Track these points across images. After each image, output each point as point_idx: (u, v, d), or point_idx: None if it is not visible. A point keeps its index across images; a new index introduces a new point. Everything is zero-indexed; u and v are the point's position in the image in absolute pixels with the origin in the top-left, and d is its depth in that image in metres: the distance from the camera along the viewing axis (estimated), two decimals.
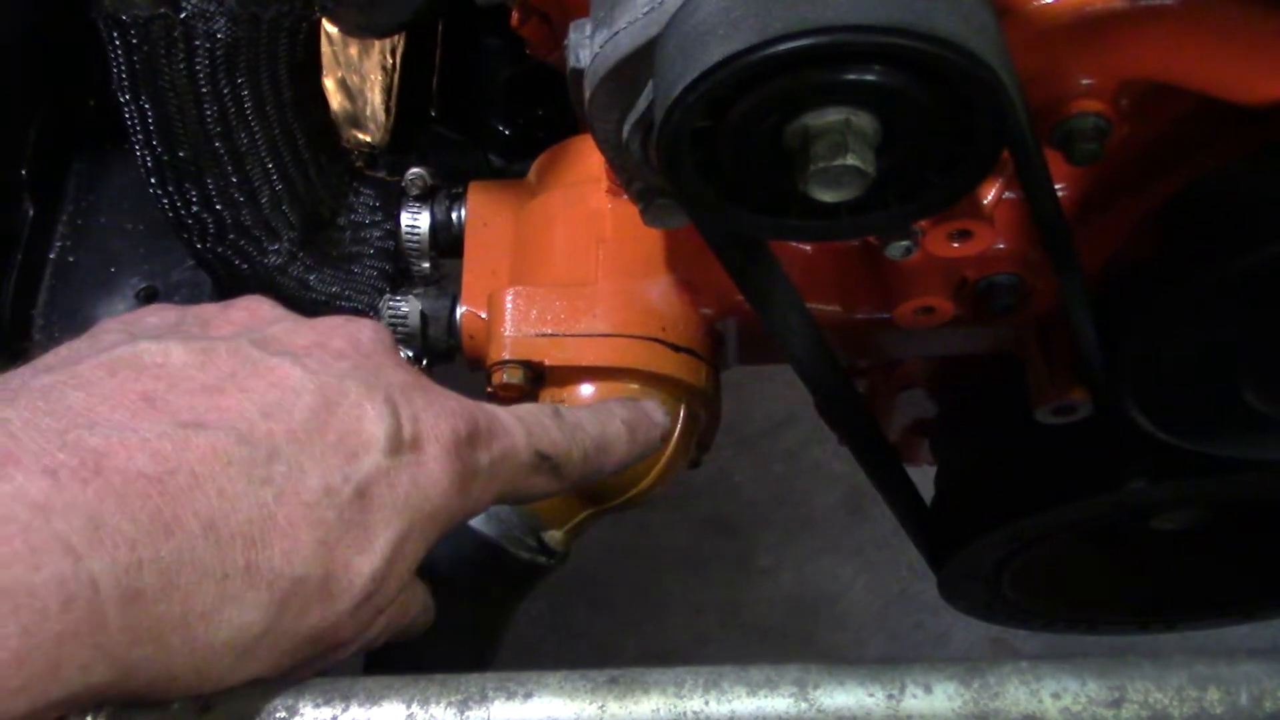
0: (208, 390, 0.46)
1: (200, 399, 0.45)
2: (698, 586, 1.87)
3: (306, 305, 0.72)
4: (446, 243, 0.76)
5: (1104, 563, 0.90)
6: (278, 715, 0.43)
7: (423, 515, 0.48)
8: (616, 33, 0.51)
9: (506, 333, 0.67)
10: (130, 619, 0.40)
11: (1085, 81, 0.56)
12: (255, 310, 0.54)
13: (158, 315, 0.53)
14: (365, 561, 0.46)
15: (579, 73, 0.54)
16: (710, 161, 0.49)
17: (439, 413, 0.50)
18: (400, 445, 0.48)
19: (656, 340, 0.67)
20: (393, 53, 0.99)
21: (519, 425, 0.54)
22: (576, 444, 0.57)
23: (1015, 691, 0.42)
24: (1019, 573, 0.85)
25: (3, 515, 0.38)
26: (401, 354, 0.72)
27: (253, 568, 0.43)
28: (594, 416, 0.60)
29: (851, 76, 0.45)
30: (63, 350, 0.49)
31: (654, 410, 0.64)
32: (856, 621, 1.85)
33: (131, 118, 0.66)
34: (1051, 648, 1.73)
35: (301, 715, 0.43)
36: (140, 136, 0.67)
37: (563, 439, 0.56)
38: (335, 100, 0.91)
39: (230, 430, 0.44)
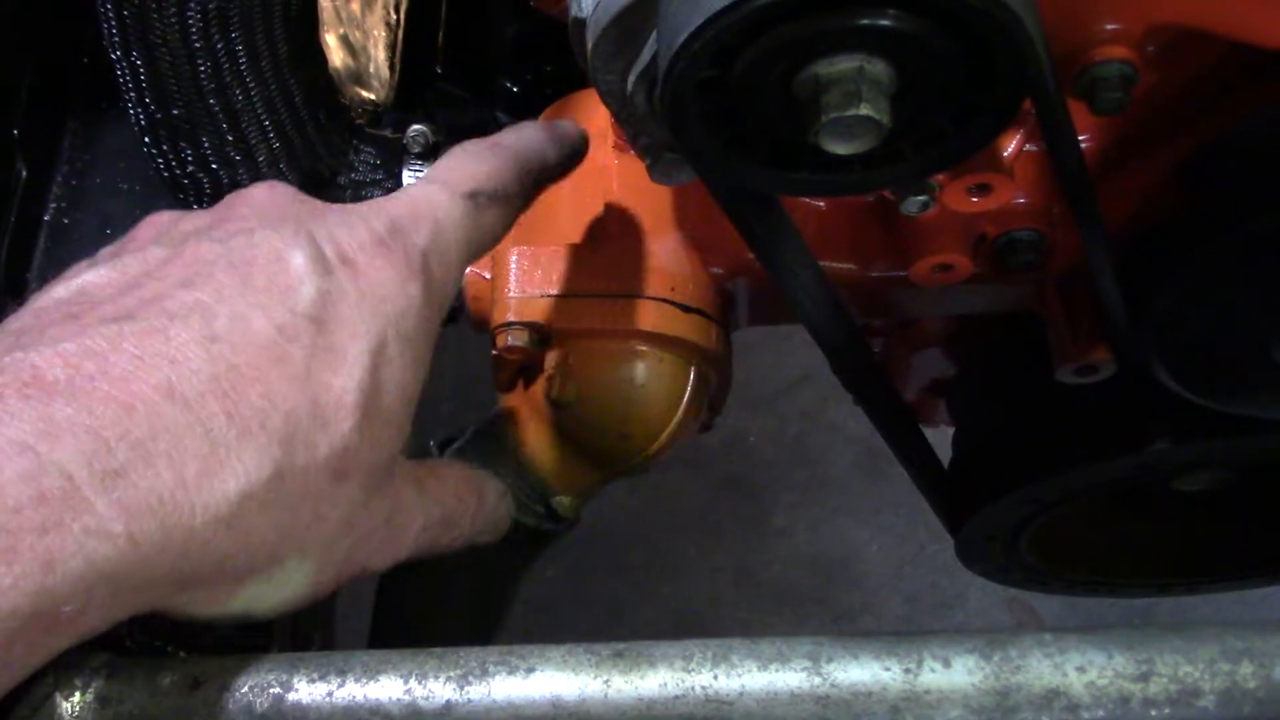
0: (126, 290, 0.46)
1: (121, 300, 0.45)
2: (713, 548, 1.87)
3: None
4: None
5: (1124, 524, 0.88)
6: (271, 690, 0.42)
7: (388, 317, 0.48)
8: None
9: (511, 294, 0.65)
10: (117, 496, 0.39)
11: (1110, 27, 0.53)
12: (154, 221, 0.54)
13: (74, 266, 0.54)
14: (345, 378, 0.46)
15: (581, 22, 0.52)
16: (717, 113, 0.47)
17: (353, 223, 0.50)
18: (329, 266, 0.48)
19: (665, 301, 0.65)
20: (396, 8, 0.97)
21: (435, 185, 0.54)
22: (503, 160, 0.56)
23: (1038, 665, 0.40)
24: (1038, 535, 0.83)
25: None
26: None
27: (235, 416, 0.43)
28: (506, 134, 0.59)
29: (865, 21, 0.43)
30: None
31: (564, 122, 0.63)
32: (873, 582, 1.84)
33: (123, 75, 0.65)
34: (1069, 606, 1.72)
35: (296, 690, 0.42)
36: (133, 94, 0.65)
37: (484, 168, 0.55)
38: (338, 57, 0.89)
39: (159, 312, 0.44)
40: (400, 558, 0.52)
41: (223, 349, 0.44)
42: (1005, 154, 0.59)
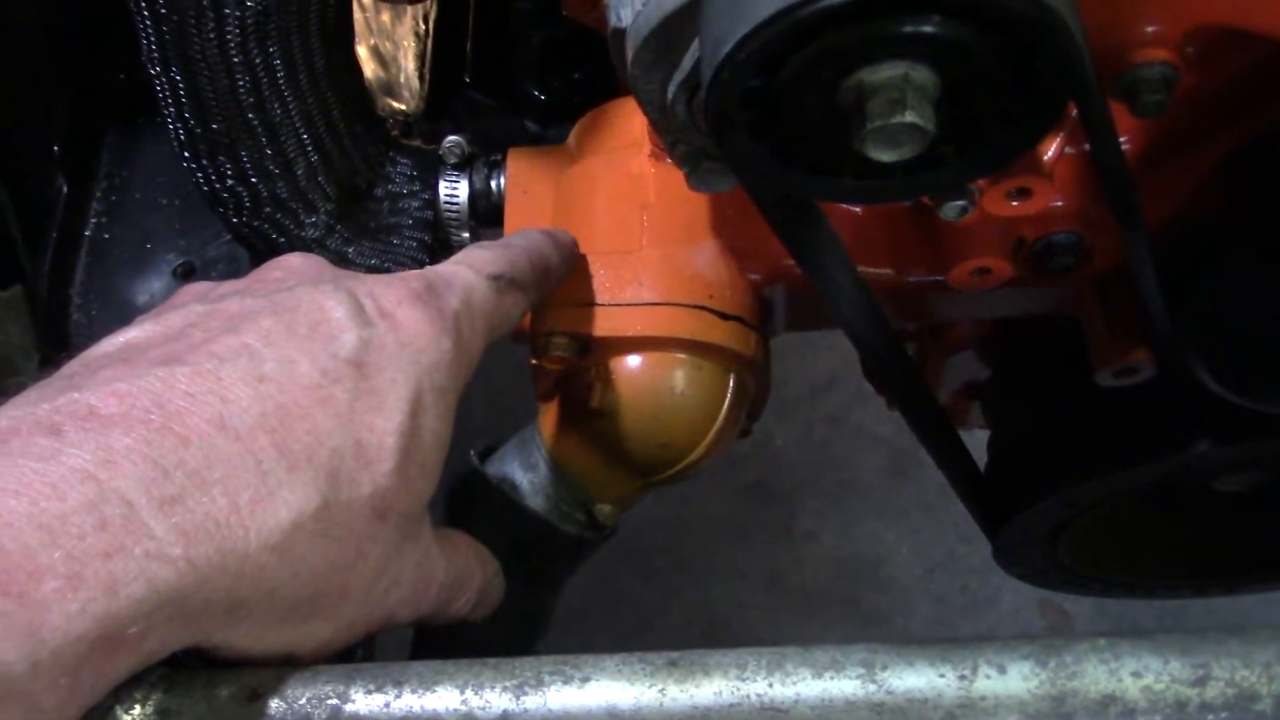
0: (173, 339, 0.47)
1: (170, 347, 0.47)
2: (741, 552, 1.87)
3: None
4: (486, 212, 0.74)
5: (1162, 525, 0.88)
6: (329, 702, 0.42)
7: (423, 368, 0.50)
8: None
9: (550, 303, 0.65)
10: (175, 521, 0.40)
11: (1150, 29, 0.53)
12: (190, 289, 0.56)
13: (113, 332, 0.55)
14: (386, 420, 0.48)
15: (620, 32, 0.52)
16: (761, 121, 0.47)
17: (389, 283, 0.52)
18: (368, 318, 0.50)
19: (704, 308, 0.65)
20: (425, 19, 0.97)
21: (462, 266, 0.56)
22: (517, 254, 0.59)
23: (1094, 670, 0.40)
24: (1076, 537, 0.83)
25: (9, 474, 0.39)
26: None
27: (284, 450, 0.44)
28: (515, 236, 0.63)
29: (909, 28, 0.43)
30: None
31: (560, 230, 0.66)
32: (902, 585, 1.83)
33: (163, 90, 0.65)
34: (1102, 610, 1.71)
35: (353, 701, 0.42)
36: (172, 109, 0.66)
37: (502, 256, 0.58)
38: (368, 68, 0.90)
39: (208, 355, 0.45)
40: (422, 612, 0.54)
41: (270, 389, 0.45)
42: (1045, 158, 0.59)
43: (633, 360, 0.65)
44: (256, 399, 0.45)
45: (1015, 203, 0.59)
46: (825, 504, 1.89)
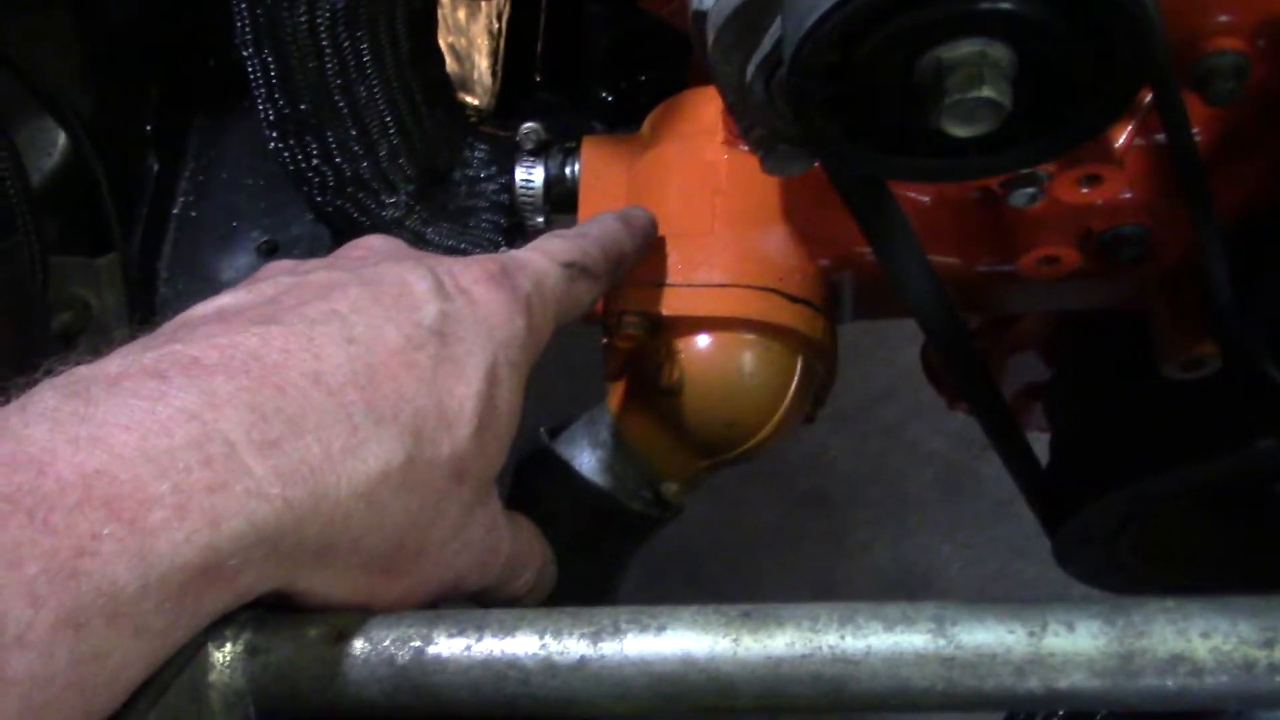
0: (265, 304, 0.49)
1: (264, 310, 0.49)
2: (792, 562, 1.86)
3: None
4: (560, 197, 0.76)
5: (1225, 528, 0.88)
6: (412, 644, 0.44)
7: (498, 342, 0.52)
8: None
9: (623, 283, 0.67)
10: (273, 463, 0.42)
11: (1223, 18, 0.54)
12: (275, 265, 0.58)
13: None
14: (466, 387, 0.50)
15: (702, 15, 0.54)
16: (839, 98, 0.48)
17: (467, 263, 0.55)
18: (448, 293, 0.52)
19: (773, 290, 0.66)
20: (499, 17, 0.99)
21: (536, 253, 0.58)
22: (590, 244, 0.61)
23: (1162, 630, 0.41)
24: (1138, 537, 0.83)
25: (121, 411, 0.40)
26: None
27: (372, 406, 0.46)
28: (590, 224, 0.65)
29: (987, 5, 0.44)
30: None
31: (636, 210, 0.67)
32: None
33: (254, 71, 0.67)
34: None
35: (435, 644, 0.44)
36: (262, 90, 0.68)
37: (576, 245, 0.60)
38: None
39: (300, 318, 0.48)
40: (487, 581, 0.55)
41: (359, 350, 0.47)
42: (1116, 146, 0.60)
43: (702, 340, 0.66)
44: (347, 359, 0.47)
45: (1085, 190, 0.60)
46: (878, 516, 1.89)
